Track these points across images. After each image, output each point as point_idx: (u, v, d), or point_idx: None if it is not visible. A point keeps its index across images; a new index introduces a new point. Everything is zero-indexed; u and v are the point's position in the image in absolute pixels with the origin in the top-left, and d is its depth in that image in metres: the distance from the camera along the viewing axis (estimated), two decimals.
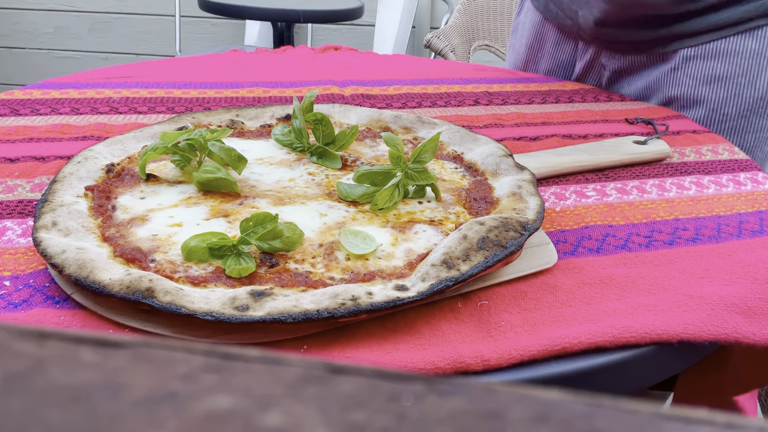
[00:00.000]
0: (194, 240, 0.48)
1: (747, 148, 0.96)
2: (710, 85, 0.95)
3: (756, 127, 0.95)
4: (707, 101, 0.95)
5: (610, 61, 1.06)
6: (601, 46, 1.06)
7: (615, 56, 1.05)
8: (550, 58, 1.16)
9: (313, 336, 0.44)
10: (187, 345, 0.17)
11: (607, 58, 1.06)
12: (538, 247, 0.55)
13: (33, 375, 0.15)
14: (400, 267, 0.49)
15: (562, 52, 1.14)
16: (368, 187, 0.58)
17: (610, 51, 1.05)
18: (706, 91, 0.95)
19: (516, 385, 0.16)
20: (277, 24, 2.45)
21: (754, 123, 0.95)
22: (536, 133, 0.84)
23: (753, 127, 0.95)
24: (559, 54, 1.15)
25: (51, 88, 0.94)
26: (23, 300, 0.47)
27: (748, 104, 0.94)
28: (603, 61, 1.07)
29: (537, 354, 0.44)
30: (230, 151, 0.60)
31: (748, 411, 0.64)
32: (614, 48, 1.05)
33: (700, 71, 0.95)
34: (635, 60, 1.03)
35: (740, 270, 0.54)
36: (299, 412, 0.14)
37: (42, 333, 0.17)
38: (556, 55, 1.15)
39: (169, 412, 0.14)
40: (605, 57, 1.07)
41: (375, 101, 0.94)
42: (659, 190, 0.69)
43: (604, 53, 1.06)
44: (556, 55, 1.15)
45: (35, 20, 3.13)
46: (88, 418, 0.14)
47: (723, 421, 0.15)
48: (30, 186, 0.65)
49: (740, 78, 0.93)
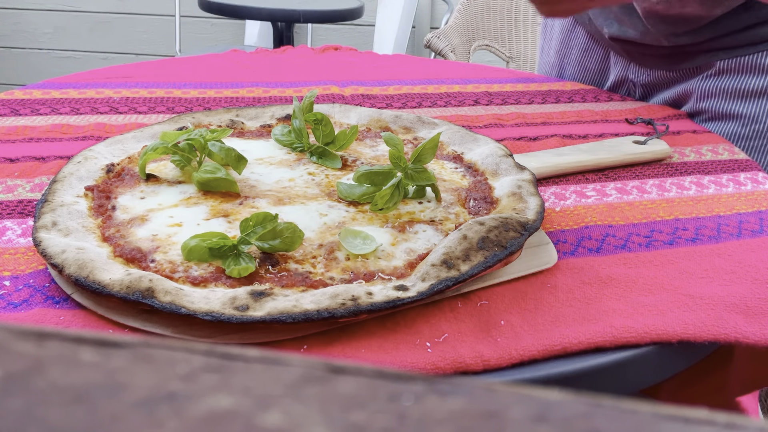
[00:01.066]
0: (194, 240, 0.48)
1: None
2: (743, 99, 0.91)
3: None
4: (739, 116, 0.92)
5: (640, 76, 1.02)
6: (630, 59, 1.03)
7: (645, 71, 1.01)
8: (577, 65, 1.11)
9: (313, 336, 0.44)
10: (187, 345, 0.17)
11: (635, 74, 1.03)
12: (538, 247, 0.55)
13: (33, 375, 0.15)
14: (400, 267, 0.49)
15: (591, 60, 1.09)
16: (368, 187, 0.58)
17: (639, 64, 1.02)
18: (738, 106, 0.91)
19: (516, 385, 0.16)
20: (277, 24, 2.45)
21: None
22: (536, 133, 0.84)
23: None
24: (587, 62, 1.10)
25: (51, 88, 0.94)
26: (23, 300, 0.47)
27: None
28: (631, 77, 1.03)
29: (537, 354, 0.44)
30: (230, 151, 0.60)
31: (750, 411, 0.64)
32: (642, 62, 1.01)
33: (733, 85, 0.92)
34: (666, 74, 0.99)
35: (740, 270, 0.54)
36: (299, 412, 0.14)
37: (42, 333, 0.17)
38: (584, 62, 1.11)
39: (169, 412, 0.14)
40: (633, 72, 1.03)
41: (375, 101, 0.94)
42: (659, 190, 0.69)
43: (632, 67, 1.03)
44: (584, 63, 1.11)
45: (35, 20, 3.13)
46: (88, 418, 0.14)
47: (723, 421, 0.15)
48: (30, 186, 0.65)
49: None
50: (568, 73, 1.13)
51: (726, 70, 0.92)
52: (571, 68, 1.13)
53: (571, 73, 1.13)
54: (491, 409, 0.15)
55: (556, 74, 1.16)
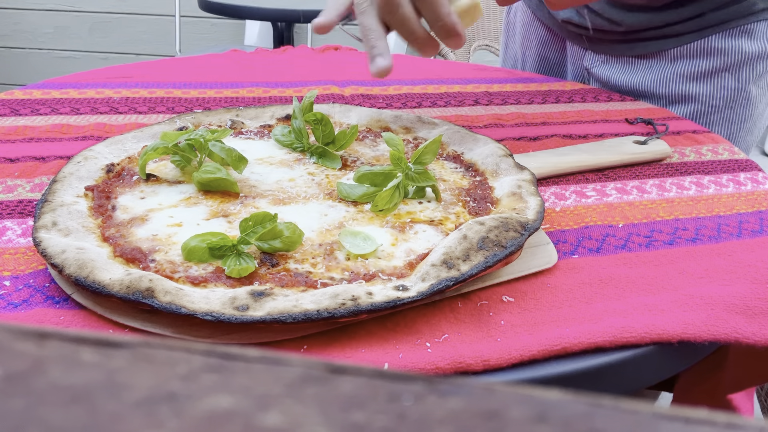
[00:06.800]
0: (194, 240, 0.48)
1: (732, 137, 1.02)
2: (697, 81, 1.00)
3: (740, 117, 1.01)
4: (696, 96, 1.00)
5: (595, 65, 1.08)
6: (585, 45, 1.08)
7: (599, 59, 1.07)
8: (537, 57, 1.18)
9: (313, 336, 0.44)
10: (187, 345, 0.17)
11: (591, 62, 1.09)
12: (538, 247, 0.55)
13: (33, 375, 0.15)
14: (400, 267, 0.49)
15: (550, 51, 1.17)
16: (368, 187, 0.58)
17: (593, 51, 1.08)
18: (694, 87, 1.00)
19: (516, 385, 0.16)
20: (277, 24, 2.45)
21: (738, 113, 1.01)
22: (536, 133, 0.84)
23: (737, 117, 1.01)
24: (546, 53, 1.17)
25: (51, 88, 0.94)
26: (23, 300, 0.47)
27: (731, 95, 1.00)
28: (587, 65, 1.10)
29: (537, 354, 0.44)
30: (230, 151, 0.60)
31: (744, 410, 0.64)
32: (596, 48, 1.07)
33: (686, 69, 1.00)
34: (620, 62, 1.05)
35: (740, 270, 0.54)
36: (299, 412, 0.14)
37: (42, 333, 0.17)
38: (544, 54, 1.18)
39: (169, 412, 0.14)
40: (588, 60, 1.09)
41: (375, 101, 0.94)
42: (659, 190, 0.69)
43: (588, 56, 1.09)
44: (543, 54, 1.18)
45: (35, 20, 3.13)
46: (88, 418, 0.14)
47: (723, 421, 0.15)
48: (30, 186, 0.65)
49: (724, 72, 0.98)
50: (529, 65, 1.20)
51: (677, 57, 1.00)
52: (532, 60, 1.20)
53: (532, 65, 1.20)
54: (491, 409, 0.15)
55: (519, 68, 1.23)
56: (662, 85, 1.02)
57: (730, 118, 1.01)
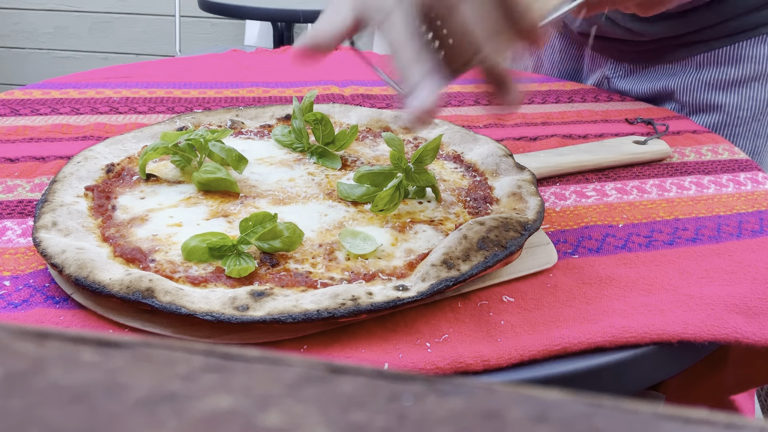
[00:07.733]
0: (194, 240, 0.48)
1: (756, 152, 0.96)
2: (724, 90, 0.94)
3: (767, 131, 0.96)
4: (722, 106, 0.94)
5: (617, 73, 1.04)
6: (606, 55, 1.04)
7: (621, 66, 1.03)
8: (553, 65, 1.14)
9: (313, 336, 0.44)
10: (187, 345, 0.17)
11: (612, 70, 1.04)
12: (538, 247, 0.55)
13: (33, 375, 0.15)
14: (400, 267, 0.49)
15: (567, 58, 1.12)
16: (368, 187, 0.58)
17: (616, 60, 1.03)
18: (719, 97, 0.94)
19: (516, 385, 0.16)
20: (277, 24, 2.45)
21: (766, 126, 0.95)
22: (536, 133, 0.84)
23: (765, 130, 0.95)
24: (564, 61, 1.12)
25: (51, 88, 0.94)
26: (23, 300, 0.47)
27: (760, 107, 0.94)
28: (608, 74, 1.05)
29: (537, 354, 0.44)
30: (230, 151, 0.60)
31: (745, 411, 0.64)
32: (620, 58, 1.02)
33: (713, 77, 0.94)
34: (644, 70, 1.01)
35: (740, 270, 0.54)
36: (299, 412, 0.14)
37: (42, 333, 0.17)
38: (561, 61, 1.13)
39: (169, 412, 0.14)
40: (609, 69, 1.05)
41: (375, 101, 0.94)
42: (659, 190, 0.69)
43: (610, 64, 1.04)
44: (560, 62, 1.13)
45: (35, 20, 3.13)
46: (88, 418, 0.14)
47: (723, 421, 0.15)
48: (30, 186, 0.65)
49: (753, 82, 0.93)
50: (545, 72, 1.16)
51: (704, 64, 0.95)
52: (549, 67, 1.15)
53: (548, 72, 1.15)
54: (491, 409, 0.15)
55: None
56: (686, 93, 0.96)
57: (757, 131, 0.95)
